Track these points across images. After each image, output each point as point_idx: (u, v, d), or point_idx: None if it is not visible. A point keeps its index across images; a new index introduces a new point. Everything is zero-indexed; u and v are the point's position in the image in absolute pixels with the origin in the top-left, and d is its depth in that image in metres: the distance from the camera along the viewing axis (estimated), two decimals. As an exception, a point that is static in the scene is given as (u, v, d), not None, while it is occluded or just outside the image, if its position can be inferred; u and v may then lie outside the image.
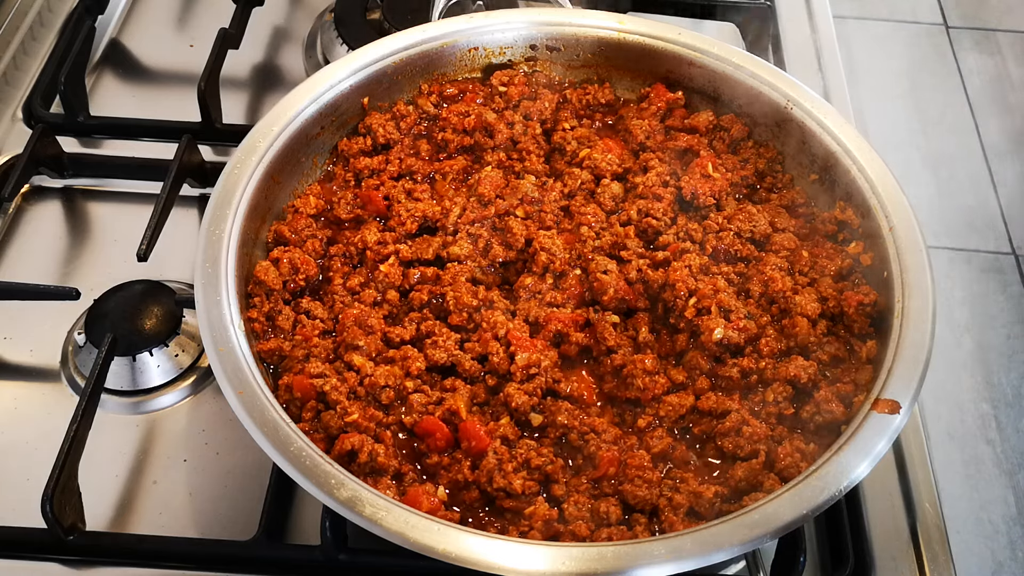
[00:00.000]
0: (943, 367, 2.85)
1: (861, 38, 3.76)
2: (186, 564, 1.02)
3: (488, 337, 1.07)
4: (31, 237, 1.34)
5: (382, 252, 1.16)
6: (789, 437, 1.01)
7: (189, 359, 1.19)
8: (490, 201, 1.20)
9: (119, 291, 1.21)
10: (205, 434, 1.15)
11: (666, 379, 1.07)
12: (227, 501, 1.09)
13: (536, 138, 1.30)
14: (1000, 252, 3.21)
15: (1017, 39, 3.92)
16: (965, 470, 2.71)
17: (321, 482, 0.89)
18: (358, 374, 1.04)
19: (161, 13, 1.68)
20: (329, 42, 1.58)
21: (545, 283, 1.14)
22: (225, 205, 1.10)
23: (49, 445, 1.03)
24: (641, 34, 1.33)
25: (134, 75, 1.58)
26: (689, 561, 0.86)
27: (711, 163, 1.24)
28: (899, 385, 0.97)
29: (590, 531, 0.94)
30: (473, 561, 0.85)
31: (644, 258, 1.16)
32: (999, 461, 2.73)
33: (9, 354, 1.22)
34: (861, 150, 1.18)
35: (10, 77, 1.51)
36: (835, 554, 1.06)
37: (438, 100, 1.33)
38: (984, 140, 3.53)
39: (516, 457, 0.99)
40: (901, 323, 1.03)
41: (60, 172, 1.39)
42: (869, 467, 0.92)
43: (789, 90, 1.25)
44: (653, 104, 1.32)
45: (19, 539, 1.03)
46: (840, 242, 1.18)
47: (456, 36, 1.33)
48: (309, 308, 1.11)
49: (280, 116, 1.19)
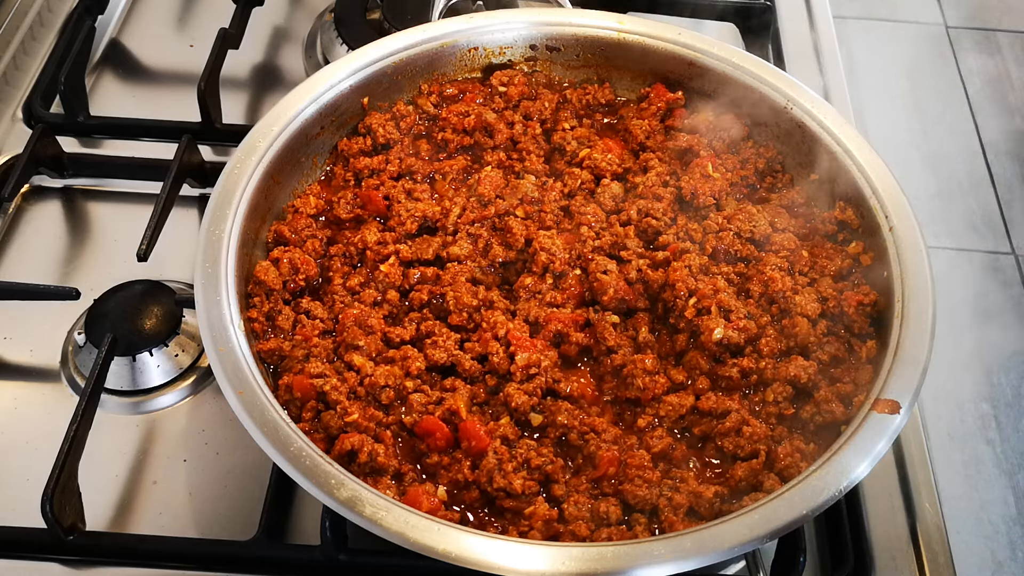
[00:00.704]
0: (943, 367, 2.84)
1: (861, 38, 3.75)
2: (186, 564, 1.02)
3: (488, 337, 1.07)
4: (31, 237, 1.34)
5: (382, 252, 1.16)
6: (789, 437, 1.01)
7: (189, 359, 1.19)
8: (490, 201, 1.20)
9: (119, 291, 1.21)
10: (205, 434, 1.15)
11: (666, 379, 1.07)
12: (227, 501, 1.09)
13: (536, 138, 1.30)
14: (1000, 252, 3.21)
15: (1017, 39, 3.92)
16: (965, 470, 2.70)
17: (321, 482, 0.89)
18: (358, 374, 1.04)
19: (161, 13, 1.68)
20: (329, 42, 1.58)
21: (545, 283, 1.14)
22: (225, 205, 1.10)
23: (49, 445, 1.03)
24: (641, 34, 1.33)
25: (134, 75, 1.58)
26: (689, 561, 0.86)
27: (711, 163, 1.24)
28: (899, 385, 0.97)
29: (590, 531, 0.94)
30: (473, 561, 0.85)
31: (644, 258, 1.16)
32: (999, 461, 2.73)
33: (9, 354, 1.22)
34: (861, 150, 1.19)
35: (10, 77, 1.51)
36: (835, 554, 1.06)
37: (438, 100, 1.33)
38: (984, 140, 3.53)
39: (516, 457, 0.99)
40: (901, 323, 1.03)
41: (60, 172, 1.38)
42: (869, 467, 0.92)
43: (789, 90, 1.25)
44: (653, 104, 1.32)
45: (19, 539, 1.03)
46: (840, 242, 1.18)
47: (456, 36, 1.33)
48: (309, 308, 1.11)
49: (280, 116, 1.19)
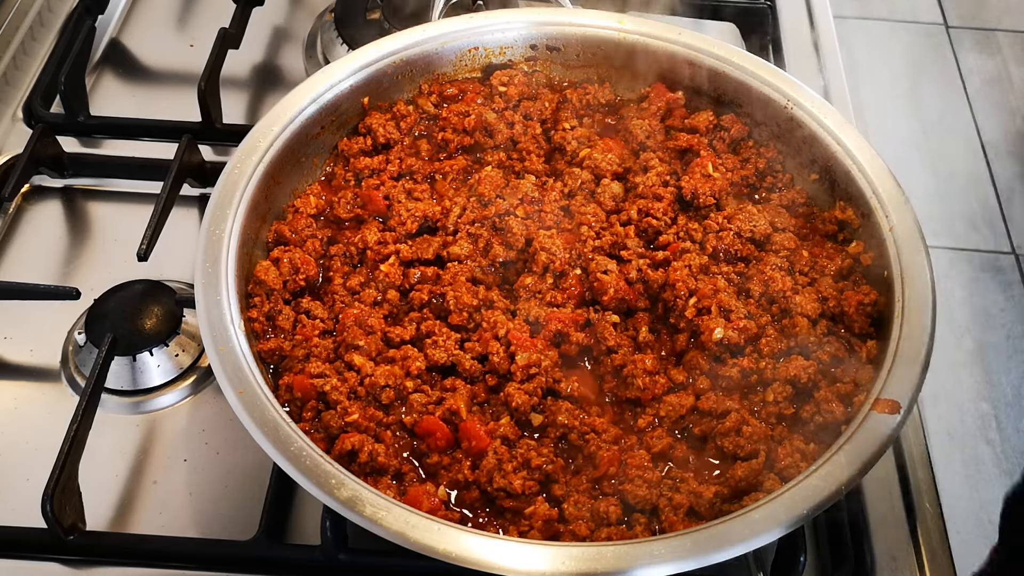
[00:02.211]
0: (943, 367, 2.84)
1: (861, 38, 3.76)
2: (186, 564, 1.02)
3: (488, 337, 1.07)
4: (31, 237, 1.34)
5: (382, 252, 1.16)
6: (789, 437, 1.01)
7: (189, 359, 1.19)
8: (490, 201, 1.20)
9: (119, 291, 1.21)
10: (205, 434, 1.14)
11: (666, 379, 1.07)
12: (227, 501, 1.09)
13: (536, 138, 1.30)
14: (1000, 252, 3.21)
15: (1017, 39, 3.92)
16: (965, 470, 2.71)
17: (321, 482, 0.89)
18: (358, 374, 1.04)
19: (161, 13, 1.68)
20: (329, 42, 1.58)
21: (545, 283, 1.14)
22: (225, 205, 1.10)
23: (49, 445, 1.03)
24: (641, 34, 1.33)
25: (134, 75, 1.58)
26: (689, 561, 0.86)
27: (711, 163, 1.24)
28: (899, 385, 0.97)
29: (590, 531, 0.94)
30: (473, 561, 0.85)
31: (644, 258, 1.16)
32: (999, 461, 2.73)
33: (9, 354, 1.22)
34: (861, 150, 1.19)
35: (10, 77, 1.51)
36: (835, 554, 1.06)
37: (438, 100, 1.33)
38: (984, 140, 3.53)
39: (516, 457, 0.99)
40: (901, 323, 1.03)
41: (60, 172, 1.38)
42: (869, 467, 0.92)
43: (789, 90, 1.25)
44: (653, 104, 1.32)
45: (19, 539, 1.03)
46: (840, 242, 1.18)
47: (456, 36, 1.33)
48: (309, 308, 1.11)
49: (280, 116, 1.19)
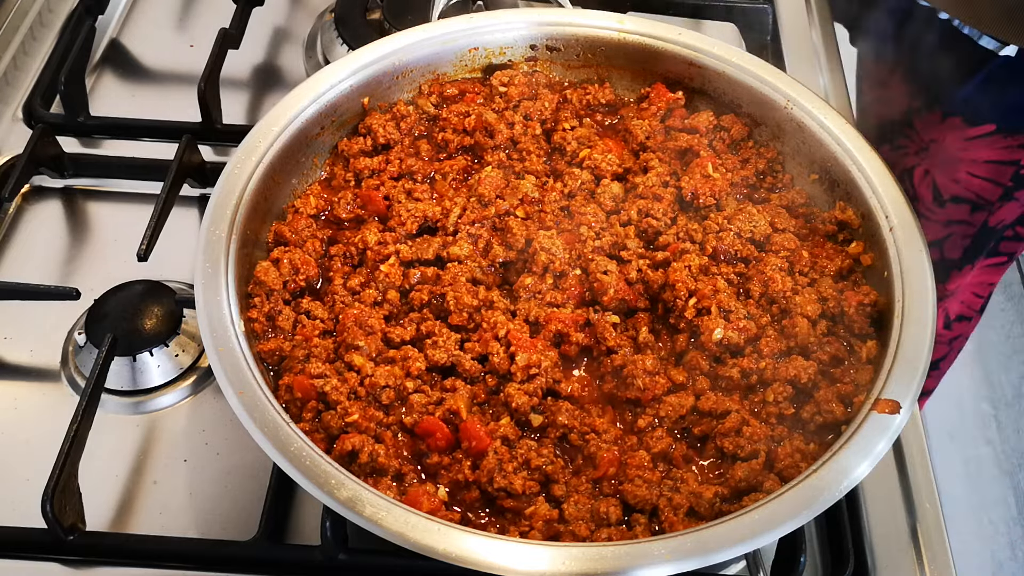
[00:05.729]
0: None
1: (861, 38, 3.75)
2: (186, 564, 1.02)
3: (488, 337, 1.07)
4: (31, 237, 1.34)
5: (382, 252, 1.16)
6: (789, 437, 1.01)
7: (189, 359, 1.19)
8: (490, 201, 1.20)
9: (119, 291, 1.21)
10: (205, 434, 1.15)
11: (666, 379, 1.07)
12: (227, 501, 1.09)
13: (536, 138, 1.30)
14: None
15: (1017, 39, 3.91)
16: (965, 470, 2.71)
17: (321, 482, 0.89)
18: (358, 374, 1.04)
19: (161, 13, 1.68)
20: (329, 42, 1.58)
21: (545, 283, 1.14)
22: (225, 205, 1.10)
23: (49, 445, 1.03)
24: (641, 34, 1.33)
25: (134, 75, 1.58)
26: (689, 561, 0.86)
27: (711, 163, 1.24)
28: (899, 385, 0.97)
29: (590, 531, 0.94)
30: (473, 561, 0.85)
31: (644, 258, 1.16)
32: (999, 461, 2.73)
33: (9, 354, 1.22)
34: (861, 150, 1.19)
35: (10, 77, 1.51)
36: (835, 554, 1.06)
37: (438, 100, 1.33)
38: (984, 140, 3.52)
39: (516, 457, 0.99)
40: (901, 323, 1.03)
41: (60, 172, 1.39)
42: (869, 467, 0.92)
43: (789, 90, 1.25)
44: (653, 104, 1.32)
45: (19, 539, 1.03)
46: (840, 242, 1.18)
47: (456, 36, 1.33)
48: (309, 308, 1.11)
49: (280, 116, 1.19)
